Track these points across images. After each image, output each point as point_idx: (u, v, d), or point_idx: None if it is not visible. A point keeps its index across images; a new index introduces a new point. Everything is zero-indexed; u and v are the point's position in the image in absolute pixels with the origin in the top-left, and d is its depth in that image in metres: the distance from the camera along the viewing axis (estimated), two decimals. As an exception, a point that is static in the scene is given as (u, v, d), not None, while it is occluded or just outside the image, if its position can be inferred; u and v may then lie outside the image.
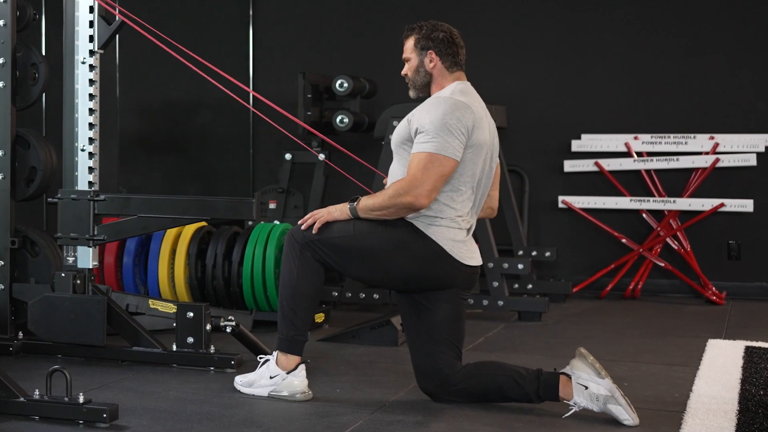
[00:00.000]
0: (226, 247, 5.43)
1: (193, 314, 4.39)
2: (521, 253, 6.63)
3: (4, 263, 4.62)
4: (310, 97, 6.64)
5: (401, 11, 7.36)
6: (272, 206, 6.80)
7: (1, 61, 4.56)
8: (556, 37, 7.22)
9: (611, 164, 7.00)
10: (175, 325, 4.45)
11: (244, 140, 7.75)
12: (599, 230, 7.03)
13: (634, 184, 7.03)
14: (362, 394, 3.98)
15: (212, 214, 4.39)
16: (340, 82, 6.60)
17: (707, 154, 6.82)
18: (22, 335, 4.62)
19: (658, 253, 6.95)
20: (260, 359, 3.93)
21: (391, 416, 3.63)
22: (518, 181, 7.17)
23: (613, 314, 6.25)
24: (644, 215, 6.99)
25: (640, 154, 6.96)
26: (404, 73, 3.98)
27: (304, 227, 3.80)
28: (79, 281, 4.45)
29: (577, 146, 7.09)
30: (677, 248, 6.91)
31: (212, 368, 4.35)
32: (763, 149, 6.77)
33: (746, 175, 6.84)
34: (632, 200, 6.95)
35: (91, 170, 4.47)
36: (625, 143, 6.98)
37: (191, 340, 4.39)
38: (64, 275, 4.44)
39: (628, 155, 6.99)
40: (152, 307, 4.90)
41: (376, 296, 5.94)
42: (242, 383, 3.94)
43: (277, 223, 5.67)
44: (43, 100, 5.97)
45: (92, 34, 4.45)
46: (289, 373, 3.82)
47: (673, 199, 6.86)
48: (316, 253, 3.78)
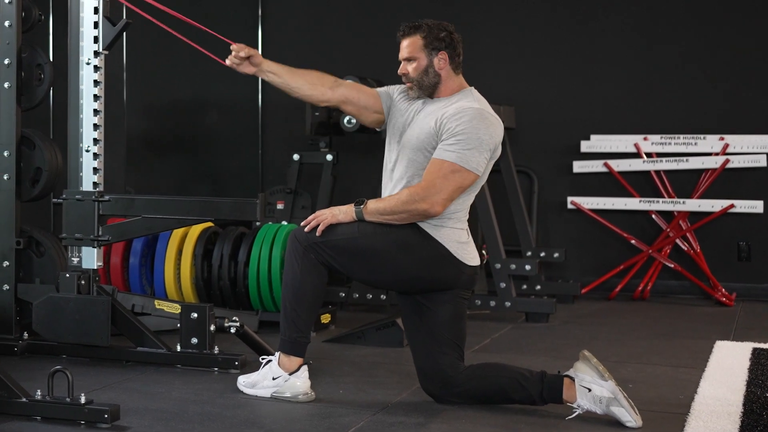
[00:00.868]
0: (232, 247, 5.43)
1: (197, 315, 4.39)
2: (530, 254, 6.61)
3: (9, 263, 4.62)
4: (318, 97, 6.62)
5: (409, 12, 7.33)
6: (280, 207, 6.79)
7: (6, 61, 4.57)
8: (565, 37, 7.19)
9: (620, 165, 6.97)
10: (179, 325, 4.45)
11: (252, 140, 7.75)
12: (608, 231, 7.01)
13: (643, 185, 6.99)
14: (365, 395, 3.97)
15: (216, 214, 4.39)
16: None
17: (717, 155, 6.79)
18: (27, 335, 4.62)
19: (667, 254, 6.92)
20: (262, 360, 3.93)
21: (393, 417, 3.62)
22: (527, 181, 7.15)
23: (621, 315, 6.22)
24: (654, 216, 6.96)
25: (649, 154, 6.93)
26: (403, 72, 3.91)
27: (307, 229, 3.78)
28: (83, 282, 4.45)
29: (586, 147, 7.07)
30: (687, 249, 6.88)
31: (216, 369, 4.35)
32: (773, 150, 6.75)
33: (756, 176, 6.80)
34: (641, 201, 6.92)
35: (95, 171, 4.47)
36: (634, 144, 6.95)
37: (195, 340, 4.39)
38: (68, 276, 4.44)
39: (637, 156, 6.96)
40: (158, 307, 4.91)
41: (383, 297, 5.93)
42: (245, 384, 3.93)
43: (284, 223, 5.67)
44: (50, 101, 5.98)
45: (97, 35, 4.44)
46: (291, 374, 3.81)
47: (682, 200, 6.83)
48: (319, 255, 3.76)
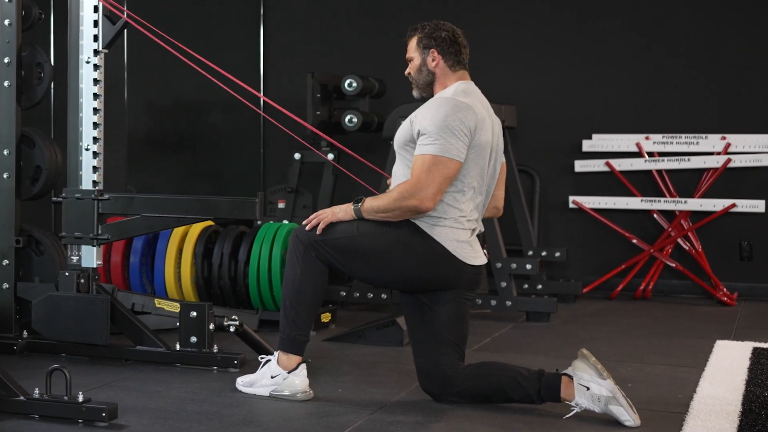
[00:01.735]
0: (232, 246, 5.43)
1: (196, 313, 4.39)
2: (531, 253, 6.61)
3: (8, 262, 4.63)
4: (319, 96, 6.64)
5: (411, 11, 7.34)
6: (281, 206, 6.79)
7: (6, 60, 4.57)
8: (566, 37, 7.18)
9: (622, 164, 6.96)
10: (178, 324, 4.45)
11: (254, 140, 7.75)
12: (610, 230, 7.00)
13: (645, 184, 6.99)
14: (364, 394, 3.96)
15: (216, 213, 4.39)
16: (349, 81, 6.59)
17: (719, 154, 6.78)
18: (26, 334, 4.63)
19: (669, 253, 6.91)
20: (261, 359, 3.93)
21: (391, 416, 3.62)
22: (529, 181, 7.14)
23: (622, 315, 6.21)
24: (655, 216, 6.96)
25: (651, 154, 6.92)
26: (407, 72, 3.97)
27: (308, 228, 3.79)
28: (83, 280, 4.45)
29: (588, 146, 7.06)
30: (688, 249, 6.87)
31: (215, 368, 4.35)
32: (775, 149, 6.74)
33: (758, 175, 6.79)
34: (643, 200, 6.91)
35: (95, 169, 4.48)
36: (636, 143, 6.94)
37: (194, 339, 4.39)
38: (68, 274, 4.44)
39: (639, 155, 6.95)
40: (158, 306, 4.91)
41: (383, 296, 5.93)
42: (243, 383, 3.93)
43: (284, 222, 5.67)
44: (51, 99, 5.99)
45: (97, 33, 4.45)
46: (290, 372, 3.81)
47: (684, 199, 6.82)
48: (320, 253, 3.77)
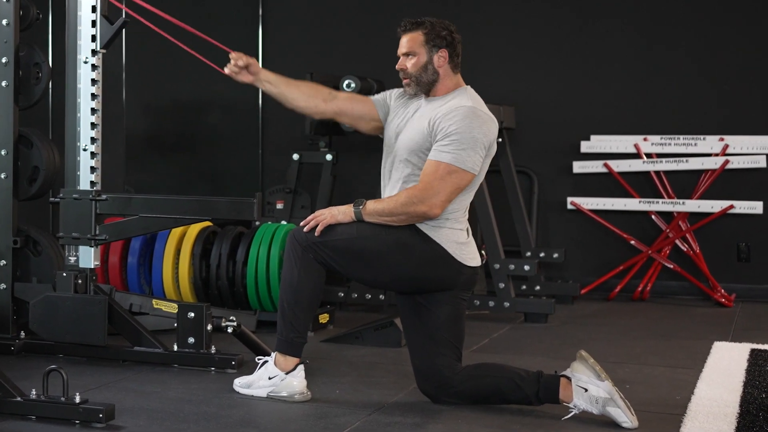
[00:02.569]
0: (230, 247, 5.42)
1: (194, 314, 4.39)
2: (529, 254, 6.61)
3: (6, 262, 4.62)
4: (317, 97, 6.62)
5: (410, 12, 7.28)
6: (280, 206, 6.78)
7: (3, 60, 4.57)
8: (565, 37, 7.18)
9: (620, 165, 6.96)
10: (176, 325, 4.45)
11: (252, 140, 7.75)
12: (608, 232, 7.00)
13: (643, 185, 6.98)
14: (361, 395, 3.96)
15: (214, 214, 4.38)
16: (347, 82, 6.58)
17: (717, 155, 6.78)
18: (23, 335, 4.62)
19: (667, 254, 6.91)
20: (258, 360, 3.92)
21: (389, 418, 3.61)
22: (527, 182, 7.14)
23: (620, 316, 6.21)
24: (653, 217, 6.95)
25: (649, 155, 6.92)
26: (401, 68, 3.92)
27: (306, 229, 3.78)
28: (80, 281, 4.45)
29: (586, 147, 7.06)
30: (686, 250, 6.86)
31: (213, 369, 4.34)
32: (773, 151, 6.74)
33: (756, 176, 6.78)
34: (641, 202, 6.91)
35: (93, 170, 4.47)
36: (634, 144, 6.94)
37: (192, 340, 4.39)
38: (65, 275, 4.44)
39: (637, 156, 6.94)
40: (156, 307, 4.89)
41: (381, 297, 5.93)
42: (241, 384, 3.93)
43: (283, 223, 5.66)
44: (49, 99, 5.98)
45: (95, 33, 4.44)
46: (287, 373, 3.81)
47: (682, 200, 6.82)
48: (317, 254, 3.76)
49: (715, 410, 3.71)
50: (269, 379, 3.83)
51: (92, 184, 4.47)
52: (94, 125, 4.46)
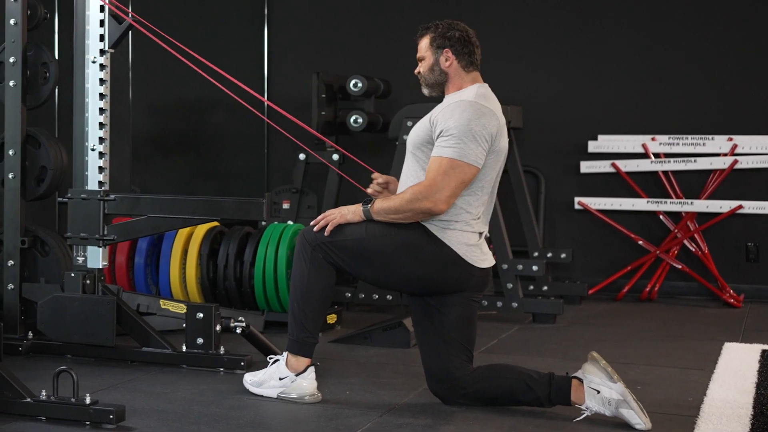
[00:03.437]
0: (237, 247, 5.40)
1: (202, 315, 4.37)
2: (536, 254, 6.59)
3: (14, 263, 4.61)
4: (324, 96, 6.62)
5: (416, 11, 7.32)
6: (286, 206, 6.77)
7: (11, 60, 4.55)
8: (572, 37, 7.16)
9: (628, 165, 6.93)
10: (184, 325, 4.43)
11: (258, 140, 7.73)
12: (616, 232, 6.97)
13: (651, 185, 6.96)
14: (372, 396, 3.94)
15: (222, 214, 4.36)
16: (354, 82, 6.56)
17: (725, 155, 6.75)
18: (31, 335, 4.60)
19: (675, 255, 6.88)
20: (270, 359, 3.91)
21: (400, 419, 3.59)
22: (534, 182, 7.12)
23: (628, 317, 6.19)
24: (661, 217, 6.93)
25: (657, 155, 6.90)
26: (418, 71, 3.95)
27: (316, 229, 3.77)
28: (88, 281, 4.43)
29: (593, 147, 7.03)
30: (695, 250, 6.84)
31: (222, 369, 4.33)
32: (782, 151, 6.71)
33: (765, 176, 6.76)
34: (649, 202, 6.88)
35: (101, 170, 4.46)
36: (642, 144, 6.91)
37: (201, 340, 4.37)
38: (73, 275, 4.42)
39: (645, 156, 6.92)
40: (163, 307, 4.89)
41: (389, 297, 5.90)
42: (251, 383, 3.91)
43: (290, 223, 5.64)
44: (56, 99, 5.97)
45: (103, 33, 4.43)
46: (298, 375, 3.79)
47: (690, 200, 6.79)
48: (327, 254, 3.75)
49: (728, 412, 3.69)
50: (280, 379, 3.82)
51: (100, 184, 4.46)
52: (102, 125, 4.45)
